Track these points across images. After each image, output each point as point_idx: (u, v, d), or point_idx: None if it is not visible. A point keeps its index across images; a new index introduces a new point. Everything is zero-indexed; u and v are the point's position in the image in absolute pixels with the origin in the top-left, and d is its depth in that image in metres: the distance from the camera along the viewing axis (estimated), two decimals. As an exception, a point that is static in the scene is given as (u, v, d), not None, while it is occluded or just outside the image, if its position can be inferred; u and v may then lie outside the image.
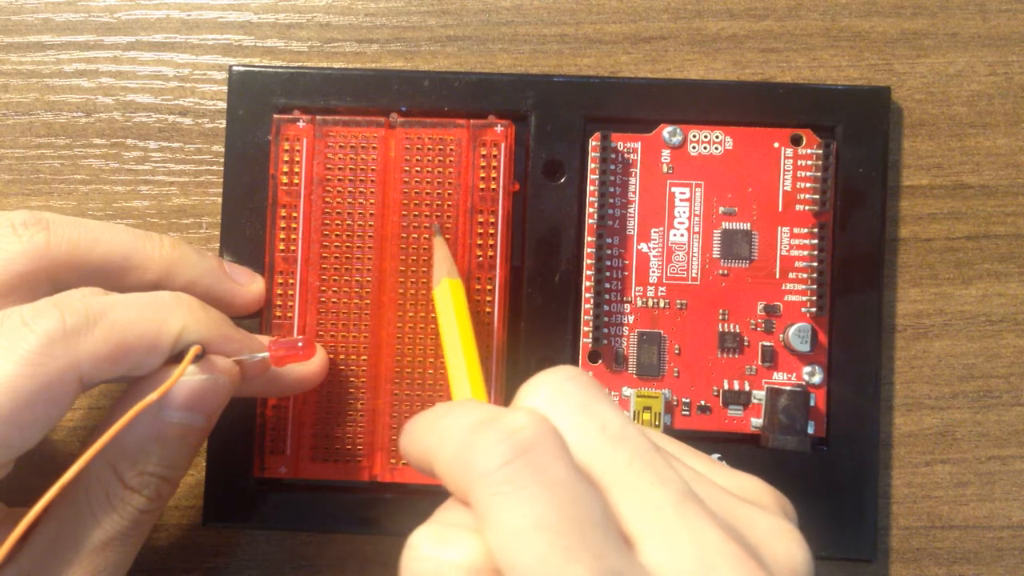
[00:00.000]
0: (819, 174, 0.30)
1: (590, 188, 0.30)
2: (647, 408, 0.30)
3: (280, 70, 0.30)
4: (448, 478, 0.20)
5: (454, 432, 0.20)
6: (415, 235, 0.29)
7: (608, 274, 0.30)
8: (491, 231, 0.29)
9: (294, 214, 0.29)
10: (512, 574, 0.18)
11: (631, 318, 0.30)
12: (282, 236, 0.29)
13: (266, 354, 0.26)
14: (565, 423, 0.20)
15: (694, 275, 0.30)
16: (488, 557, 0.18)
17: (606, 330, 0.30)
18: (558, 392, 0.20)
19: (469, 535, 0.19)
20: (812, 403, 0.30)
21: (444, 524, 0.19)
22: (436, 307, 0.27)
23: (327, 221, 0.29)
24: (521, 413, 0.19)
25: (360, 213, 0.29)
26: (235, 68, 0.30)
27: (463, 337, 0.25)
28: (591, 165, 0.30)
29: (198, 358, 0.24)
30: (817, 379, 0.30)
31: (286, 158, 0.29)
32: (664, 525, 0.18)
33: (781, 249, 0.30)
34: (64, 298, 0.24)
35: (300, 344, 0.27)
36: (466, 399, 0.24)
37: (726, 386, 0.30)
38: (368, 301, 0.29)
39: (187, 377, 0.24)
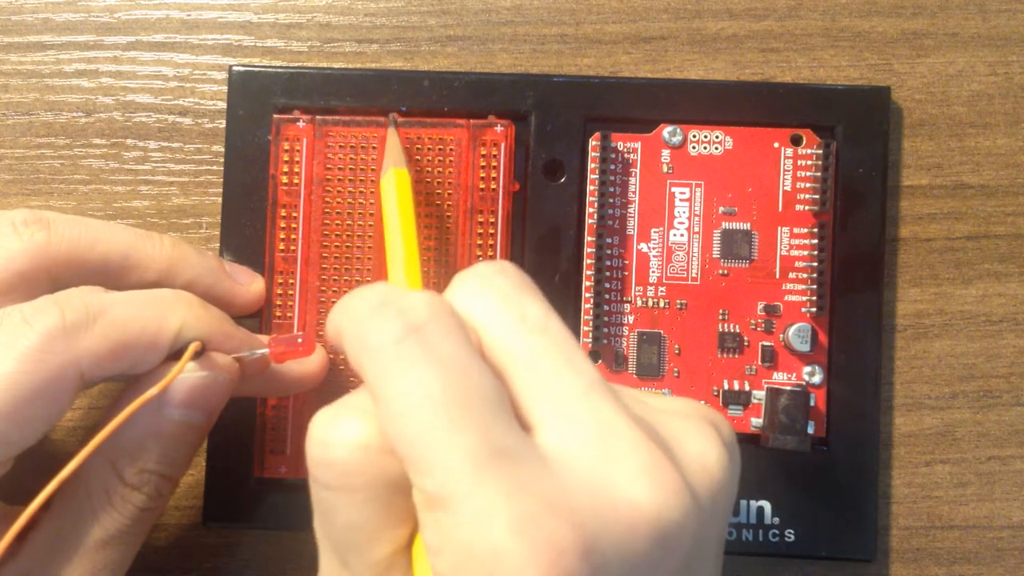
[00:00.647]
0: (819, 174, 0.30)
1: (590, 188, 0.30)
2: (647, 408, 0.30)
3: (280, 70, 0.30)
4: (350, 356, 0.20)
5: (357, 311, 0.20)
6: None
7: (608, 274, 0.30)
8: (491, 231, 0.29)
9: (294, 214, 0.29)
10: (398, 446, 0.18)
11: (631, 318, 0.30)
12: (282, 236, 0.29)
13: (266, 350, 0.26)
14: (488, 312, 0.20)
15: (694, 275, 0.30)
16: (380, 436, 0.19)
17: (606, 330, 0.30)
18: (485, 282, 0.20)
19: (362, 415, 0.19)
20: (812, 403, 0.30)
21: (342, 405, 0.20)
22: (380, 196, 0.27)
23: (327, 221, 0.29)
24: (419, 293, 0.20)
25: (360, 213, 0.29)
26: (235, 68, 0.30)
27: (404, 226, 0.25)
28: (591, 165, 0.30)
29: (198, 355, 0.24)
30: (817, 379, 0.30)
31: (286, 158, 0.29)
32: (567, 409, 0.19)
33: (781, 249, 0.30)
34: (64, 295, 0.24)
35: (300, 340, 0.27)
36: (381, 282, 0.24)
37: (726, 386, 0.30)
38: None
39: (187, 374, 0.24)
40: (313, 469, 0.20)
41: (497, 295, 0.20)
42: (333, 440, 0.19)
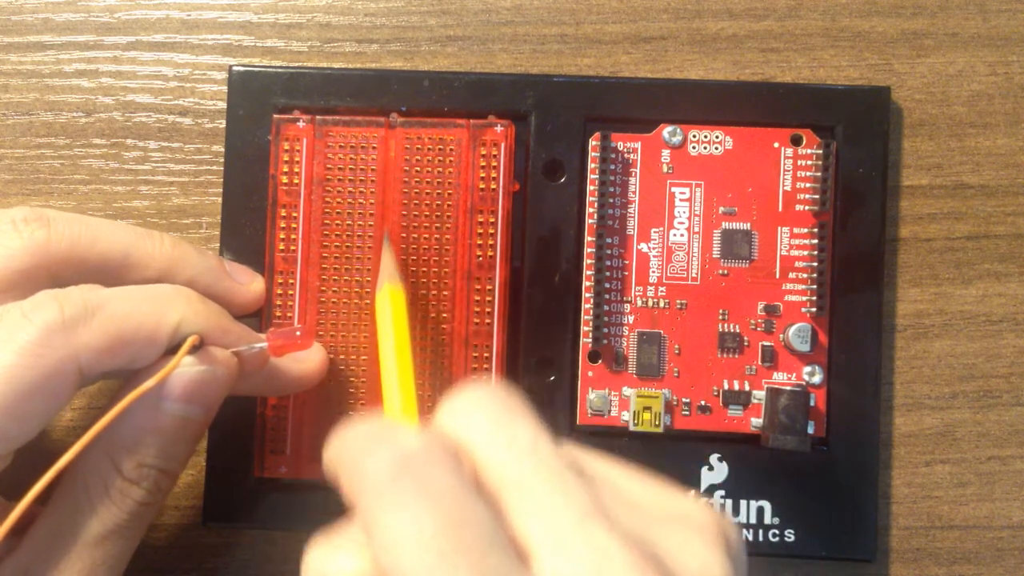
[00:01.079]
0: (819, 174, 0.30)
1: (590, 188, 0.30)
2: (647, 408, 0.30)
3: (280, 70, 0.30)
4: (345, 490, 0.20)
5: (350, 446, 0.20)
6: (415, 235, 0.29)
7: (608, 274, 0.30)
8: (491, 231, 0.29)
9: (294, 214, 0.29)
10: None
11: (631, 318, 0.30)
12: (282, 236, 0.29)
13: (264, 344, 0.26)
14: (477, 438, 0.20)
15: (694, 275, 0.30)
16: (374, 570, 0.19)
17: (606, 330, 0.30)
18: (473, 407, 0.20)
19: (356, 548, 0.19)
20: (812, 403, 0.30)
21: (337, 538, 0.20)
22: (376, 314, 0.27)
23: (327, 221, 0.29)
24: (412, 432, 0.20)
25: (360, 213, 0.29)
26: (235, 68, 0.30)
27: (399, 352, 0.25)
28: (591, 165, 0.30)
29: (196, 349, 0.24)
30: (817, 379, 0.30)
31: (286, 158, 0.29)
32: (562, 537, 0.18)
33: (781, 249, 0.30)
34: (63, 291, 0.24)
35: (298, 333, 0.27)
36: (392, 415, 0.24)
37: (726, 386, 0.30)
38: (368, 301, 0.29)
39: (185, 369, 0.24)
40: None
41: (486, 418, 0.20)
42: (328, 572, 0.19)
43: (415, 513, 0.18)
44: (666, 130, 0.31)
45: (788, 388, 0.29)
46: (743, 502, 0.30)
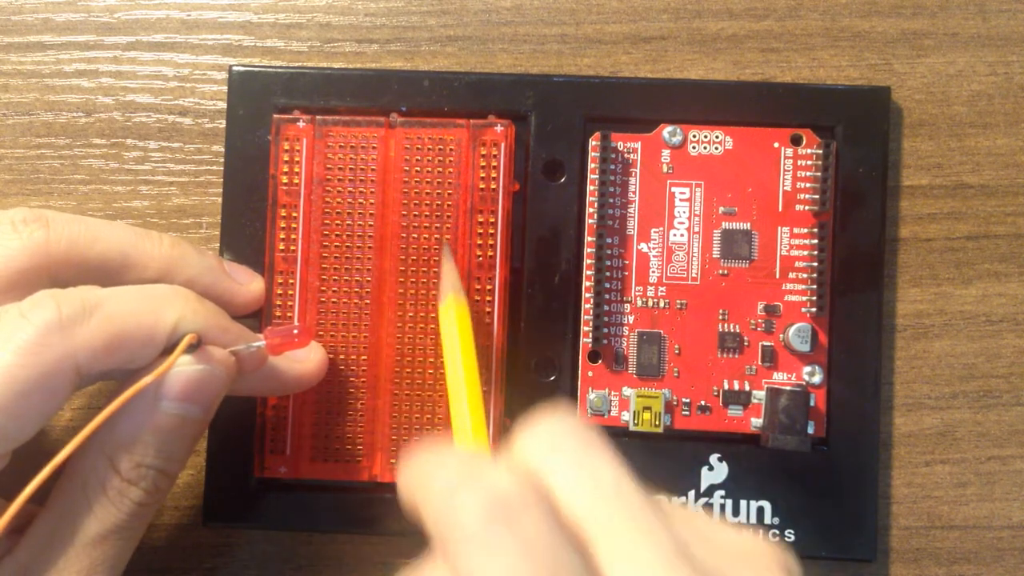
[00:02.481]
0: (819, 174, 0.30)
1: (590, 188, 0.30)
2: (647, 408, 0.30)
3: (280, 70, 0.30)
4: (431, 528, 0.20)
5: (437, 486, 0.20)
6: (415, 235, 0.29)
7: (608, 274, 0.30)
8: (491, 231, 0.29)
9: (294, 214, 0.29)
10: None
11: (631, 318, 0.30)
12: (282, 236, 0.29)
13: (263, 342, 0.26)
14: (559, 477, 0.19)
15: (694, 275, 0.30)
16: None
17: (606, 330, 0.30)
18: (554, 444, 0.20)
19: None
20: (812, 403, 0.30)
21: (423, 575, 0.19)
22: (440, 326, 0.27)
23: (327, 221, 0.29)
24: (504, 471, 0.19)
25: (360, 213, 0.29)
26: (235, 68, 0.30)
27: (467, 369, 0.25)
28: (591, 165, 0.30)
29: (193, 348, 0.24)
30: (817, 379, 0.30)
31: (286, 158, 0.29)
32: None
33: (781, 249, 0.30)
34: (61, 291, 0.24)
35: (296, 332, 0.27)
36: (463, 441, 0.24)
37: (726, 386, 0.30)
38: (368, 301, 0.29)
39: (183, 367, 0.24)
40: None
41: (569, 458, 0.20)
42: None
43: (510, 562, 0.18)
44: (666, 130, 0.31)
45: (788, 388, 0.29)
46: (743, 502, 0.30)
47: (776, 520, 0.30)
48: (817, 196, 0.30)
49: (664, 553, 0.19)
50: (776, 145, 0.30)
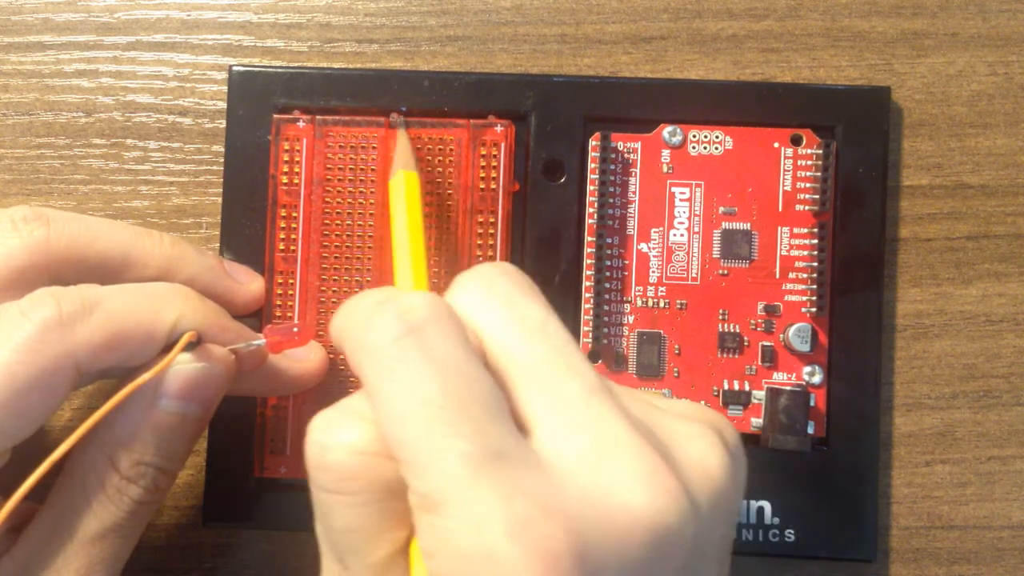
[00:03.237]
0: (819, 174, 0.30)
1: (590, 188, 0.30)
2: (647, 408, 0.30)
3: (280, 70, 0.30)
4: (349, 356, 0.20)
5: (357, 311, 0.20)
6: (415, 235, 0.29)
7: (608, 274, 0.30)
8: (491, 231, 0.29)
9: (294, 214, 0.29)
10: (394, 448, 0.18)
11: (631, 318, 0.30)
12: (282, 236, 0.29)
13: (262, 340, 0.26)
14: (487, 313, 0.20)
15: (694, 275, 0.30)
16: (377, 440, 0.19)
17: (606, 330, 0.30)
18: (485, 283, 0.21)
19: (360, 419, 0.19)
20: (812, 403, 0.30)
21: (340, 409, 0.20)
22: (389, 198, 0.27)
23: (327, 221, 0.29)
24: (419, 294, 0.20)
25: (360, 213, 0.29)
26: (235, 68, 0.30)
27: (411, 228, 0.25)
28: (591, 165, 0.30)
29: (193, 345, 0.24)
30: (817, 379, 0.30)
31: (286, 158, 0.29)
32: (565, 414, 0.19)
33: (781, 249, 0.30)
34: (61, 289, 0.24)
35: (296, 330, 0.27)
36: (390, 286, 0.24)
37: (726, 386, 0.30)
38: (368, 301, 0.29)
39: (182, 366, 0.24)
40: (312, 472, 0.20)
41: (497, 296, 0.20)
42: (330, 444, 0.19)
43: (419, 379, 0.18)
44: (666, 130, 0.31)
45: (788, 388, 0.29)
46: (743, 502, 0.30)
47: (776, 520, 0.30)
48: (817, 196, 0.30)
49: (583, 386, 0.19)
50: (776, 145, 0.30)
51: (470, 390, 0.18)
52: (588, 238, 0.30)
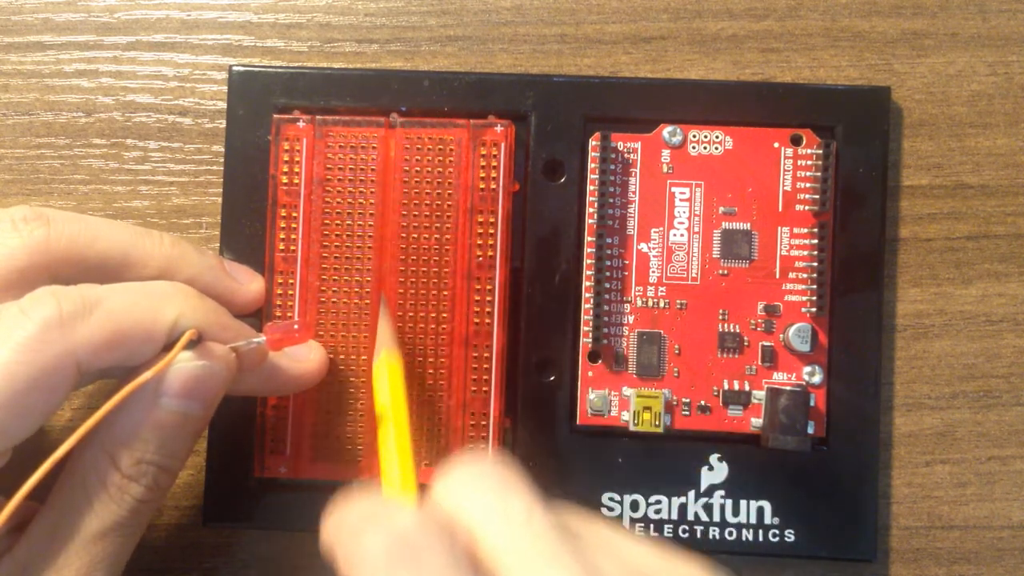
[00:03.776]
0: (819, 174, 0.30)
1: (590, 188, 0.30)
2: (647, 408, 0.30)
3: (280, 70, 0.30)
4: (340, 569, 0.20)
5: (347, 524, 0.20)
6: (415, 235, 0.29)
7: (608, 274, 0.30)
8: (491, 231, 0.29)
9: (294, 214, 0.29)
10: None
11: (631, 318, 0.30)
12: (282, 236, 0.29)
13: (263, 338, 0.26)
14: (474, 514, 0.20)
15: (694, 275, 0.30)
16: None
17: (606, 330, 0.30)
18: (468, 480, 0.21)
19: None
20: (812, 403, 0.30)
21: None
22: (373, 380, 0.27)
23: (327, 221, 0.29)
24: (407, 512, 0.20)
25: (360, 213, 0.29)
26: (235, 68, 0.30)
27: (397, 424, 0.25)
28: (591, 165, 0.30)
29: (193, 344, 0.24)
30: (817, 379, 0.30)
31: (286, 158, 0.29)
32: None
33: (781, 249, 0.30)
34: (61, 288, 0.24)
35: (296, 327, 0.27)
36: (368, 493, 0.24)
37: (726, 386, 0.30)
38: (368, 301, 0.29)
39: (183, 364, 0.24)
40: None
41: (482, 492, 0.20)
42: None
43: None
44: (666, 130, 0.31)
45: (788, 388, 0.29)
46: (743, 502, 0.30)
47: (776, 520, 0.30)
48: (817, 196, 0.30)
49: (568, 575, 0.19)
50: (776, 145, 0.30)
51: None
52: (588, 238, 0.30)
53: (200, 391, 0.25)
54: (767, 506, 0.30)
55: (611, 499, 0.30)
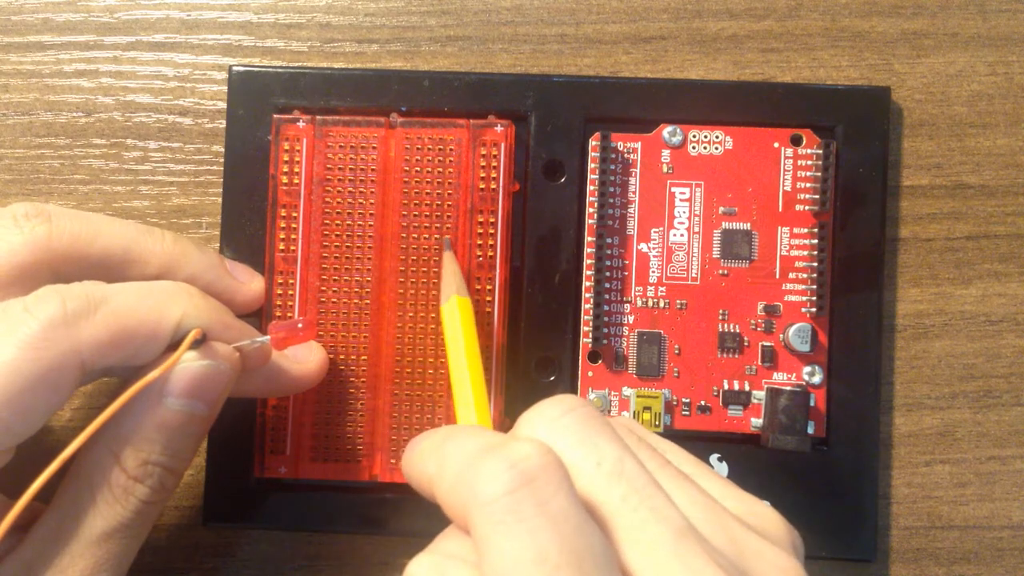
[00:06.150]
0: (819, 174, 0.30)
1: (590, 188, 0.30)
2: (647, 408, 0.30)
3: (280, 70, 0.30)
4: (449, 504, 0.19)
5: (457, 457, 0.19)
6: (415, 235, 0.29)
7: (608, 274, 0.30)
8: (491, 231, 0.29)
9: (294, 214, 0.29)
10: None
11: (631, 318, 0.30)
12: (282, 236, 0.29)
13: (267, 338, 0.26)
14: (564, 457, 0.19)
15: (694, 275, 0.30)
16: None
17: (606, 330, 0.30)
18: (556, 425, 0.20)
19: (466, 568, 0.19)
20: (812, 403, 0.30)
21: (442, 554, 0.19)
22: (443, 324, 0.27)
23: (327, 221, 0.29)
24: (527, 442, 0.19)
25: (360, 213, 0.29)
26: (235, 68, 0.30)
27: (470, 359, 0.25)
28: (591, 165, 0.30)
29: (198, 343, 0.24)
30: (817, 379, 0.30)
31: (286, 158, 0.29)
32: (660, 563, 0.18)
33: (781, 249, 0.30)
34: (65, 286, 0.24)
35: (300, 326, 0.27)
36: (470, 424, 0.24)
37: (726, 386, 0.30)
38: (368, 301, 0.29)
39: (188, 364, 0.24)
40: None
41: (571, 439, 0.20)
42: None
43: (537, 536, 0.18)
44: (666, 130, 0.31)
45: (788, 388, 0.29)
46: (743, 502, 0.30)
47: (776, 520, 0.30)
48: (817, 196, 0.30)
49: (670, 532, 0.19)
50: (776, 145, 0.30)
51: (584, 545, 0.18)
52: (588, 238, 0.30)
53: (205, 391, 0.25)
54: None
55: (611, 499, 0.30)
